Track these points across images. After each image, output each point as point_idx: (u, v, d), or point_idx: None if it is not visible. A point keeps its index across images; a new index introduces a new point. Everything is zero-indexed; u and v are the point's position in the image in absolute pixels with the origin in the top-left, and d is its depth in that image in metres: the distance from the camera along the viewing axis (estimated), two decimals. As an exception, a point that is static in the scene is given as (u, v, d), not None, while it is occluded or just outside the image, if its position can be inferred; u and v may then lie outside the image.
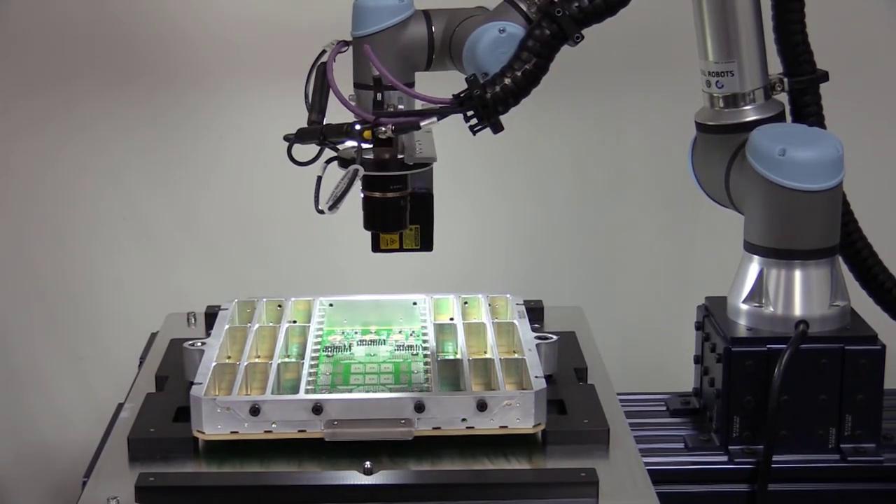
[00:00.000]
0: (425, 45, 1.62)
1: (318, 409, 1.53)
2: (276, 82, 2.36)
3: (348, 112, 1.55)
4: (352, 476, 1.49)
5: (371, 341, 1.85)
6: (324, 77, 1.59)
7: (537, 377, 1.60)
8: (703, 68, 1.81)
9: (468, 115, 1.51)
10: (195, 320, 2.00)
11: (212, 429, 1.54)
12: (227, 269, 2.53)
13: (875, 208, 2.02)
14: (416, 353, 1.80)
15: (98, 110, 2.45)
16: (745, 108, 1.80)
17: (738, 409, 1.75)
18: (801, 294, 1.75)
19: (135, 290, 2.53)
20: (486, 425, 1.55)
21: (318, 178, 1.56)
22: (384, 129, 1.52)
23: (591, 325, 1.99)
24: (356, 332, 1.88)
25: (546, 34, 1.51)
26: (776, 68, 1.82)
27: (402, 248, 1.70)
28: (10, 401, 2.57)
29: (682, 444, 1.80)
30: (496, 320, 1.85)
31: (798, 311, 1.75)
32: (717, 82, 1.80)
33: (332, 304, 1.91)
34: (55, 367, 2.56)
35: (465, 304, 1.91)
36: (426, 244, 1.70)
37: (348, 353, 1.80)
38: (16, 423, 2.58)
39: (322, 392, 1.66)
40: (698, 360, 1.89)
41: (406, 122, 1.53)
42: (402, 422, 1.54)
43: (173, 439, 1.57)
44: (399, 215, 1.62)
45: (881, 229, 1.95)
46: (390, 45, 1.60)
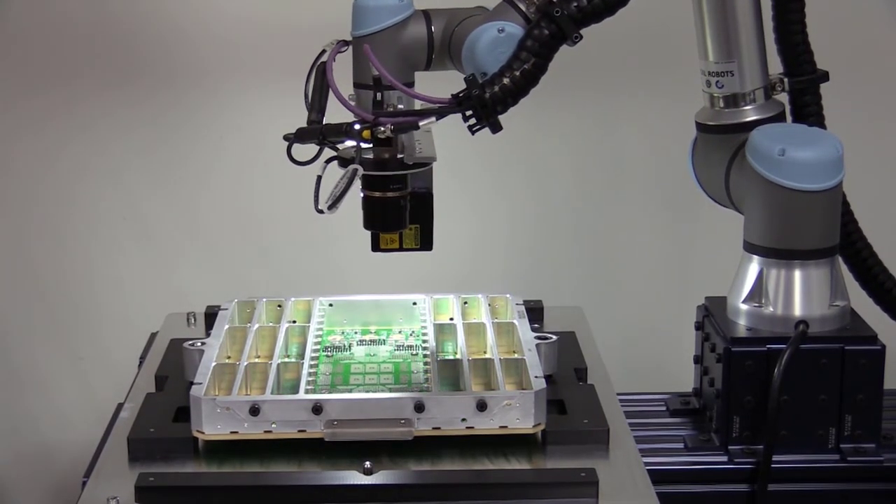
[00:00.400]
0: (425, 45, 1.62)
1: (317, 409, 1.53)
2: (275, 82, 2.36)
3: (348, 112, 1.55)
4: (352, 476, 1.49)
5: (371, 341, 1.85)
6: (323, 77, 1.59)
7: (537, 377, 1.60)
8: (703, 68, 1.81)
9: (467, 114, 1.51)
10: (195, 320, 2.00)
11: (212, 429, 1.54)
12: (227, 269, 2.53)
13: (875, 208, 2.02)
14: (416, 353, 1.80)
15: (98, 110, 2.45)
16: (746, 108, 1.80)
17: (737, 409, 1.75)
18: (800, 294, 1.75)
19: (135, 290, 2.53)
20: (486, 425, 1.55)
21: (317, 178, 1.56)
22: (383, 128, 1.52)
23: (591, 325, 1.99)
24: (356, 332, 1.88)
25: (545, 34, 1.51)
26: (776, 68, 1.82)
27: (401, 248, 1.70)
28: (10, 401, 2.57)
29: (681, 444, 1.80)
30: (496, 320, 1.85)
31: (798, 311, 1.75)
32: (717, 82, 1.80)
33: (331, 304, 1.91)
34: (55, 367, 2.56)
35: (465, 304, 1.91)
36: (426, 244, 1.70)
37: (348, 353, 1.80)
38: (16, 423, 2.58)
39: (322, 392, 1.66)
40: (698, 360, 1.89)
41: (405, 122, 1.53)
42: (402, 422, 1.54)
43: (173, 439, 1.57)
44: (399, 215, 1.62)
45: (881, 229, 1.95)
46: (390, 44, 1.60)
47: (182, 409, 1.63)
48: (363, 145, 1.54)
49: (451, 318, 1.89)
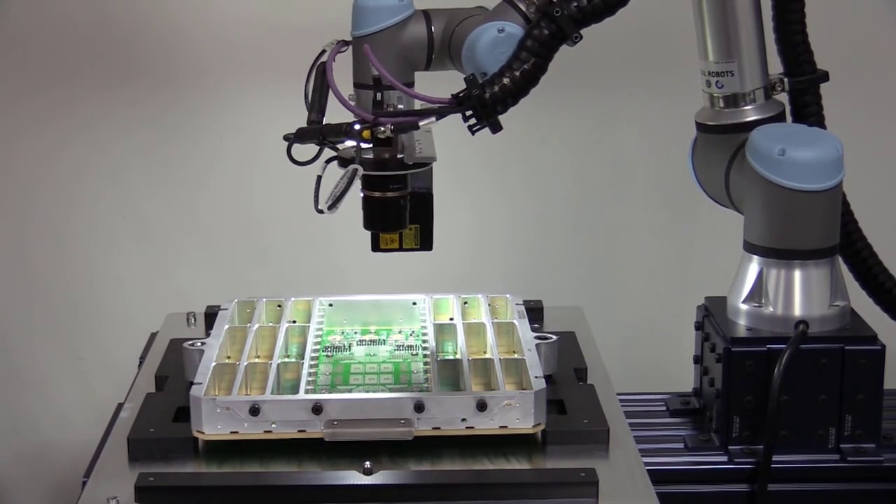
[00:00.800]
0: (425, 45, 1.62)
1: (317, 409, 1.53)
2: (275, 82, 2.36)
3: (348, 112, 1.55)
4: (352, 476, 1.49)
5: (371, 341, 1.85)
6: (323, 77, 1.59)
7: (537, 377, 1.60)
8: (703, 68, 1.81)
9: (467, 114, 1.51)
10: (195, 320, 2.00)
11: (212, 429, 1.54)
12: (227, 269, 2.53)
13: (875, 208, 2.02)
14: (416, 353, 1.80)
15: (98, 110, 2.45)
16: (746, 108, 1.80)
17: (737, 409, 1.75)
18: (800, 294, 1.75)
19: (135, 290, 2.53)
20: (486, 425, 1.55)
21: (317, 178, 1.56)
22: (383, 128, 1.52)
23: (591, 325, 1.99)
24: (356, 332, 1.88)
25: (545, 34, 1.51)
26: (776, 68, 1.82)
27: (401, 248, 1.70)
28: (10, 401, 2.57)
29: (682, 444, 1.80)
30: (496, 320, 1.85)
31: (798, 311, 1.75)
32: (717, 82, 1.80)
33: (331, 304, 1.91)
34: (55, 367, 2.56)
35: (465, 304, 1.91)
36: (426, 244, 1.70)
37: (348, 353, 1.80)
38: (16, 423, 2.58)
39: (322, 392, 1.66)
40: (698, 360, 1.89)
41: (405, 122, 1.53)
42: (402, 422, 1.54)
43: (173, 439, 1.57)
44: (399, 215, 1.62)
45: (881, 229, 1.95)
46: (390, 44, 1.60)
47: (182, 409, 1.63)
48: (363, 145, 1.54)
49: (451, 318, 1.89)
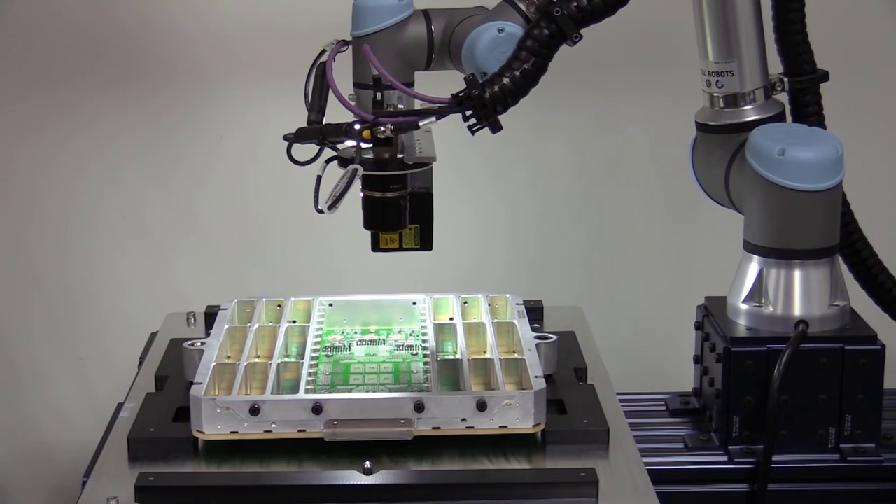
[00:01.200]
0: (425, 45, 1.62)
1: (317, 408, 1.53)
2: (275, 82, 2.36)
3: (348, 112, 1.55)
4: (352, 476, 1.49)
5: (371, 341, 1.85)
6: (323, 77, 1.59)
7: (537, 377, 1.60)
8: (703, 68, 1.81)
9: (467, 114, 1.51)
10: (195, 320, 2.00)
11: (211, 429, 1.54)
12: (227, 269, 2.53)
13: (875, 208, 2.02)
14: (416, 353, 1.80)
15: (98, 110, 2.45)
16: (745, 108, 1.80)
17: (737, 408, 1.75)
18: (800, 294, 1.75)
19: (135, 290, 2.53)
20: (486, 425, 1.55)
21: (317, 178, 1.56)
22: (383, 128, 1.52)
23: (590, 325, 1.99)
24: (356, 332, 1.88)
25: (545, 34, 1.51)
26: (776, 68, 1.82)
27: (401, 248, 1.70)
28: (10, 401, 2.57)
29: (681, 444, 1.80)
30: (496, 320, 1.85)
31: (798, 310, 1.75)
32: (717, 82, 1.80)
33: (331, 304, 1.91)
34: (55, 367, 2.56)
35: (465, 304, 1.91)
36: (426, 243, 1.70)
37: (348, 352, 1.80)
38: (16, 423, 2.58)
39: (322, 392, 1.66)
40: (698, 359, 1.89)
41: (405, 122, 1.53)
42: (402, 422, 1.54)
43: (173, 439, 1.57)
44: (398, 215, 1.62)
45: (881, 229, 1.95)
46: (390, 44, 1.60)
47: (182, 409, 1.63)
48: (363, 145, 1.54)
49: (451, 318, 1.89)
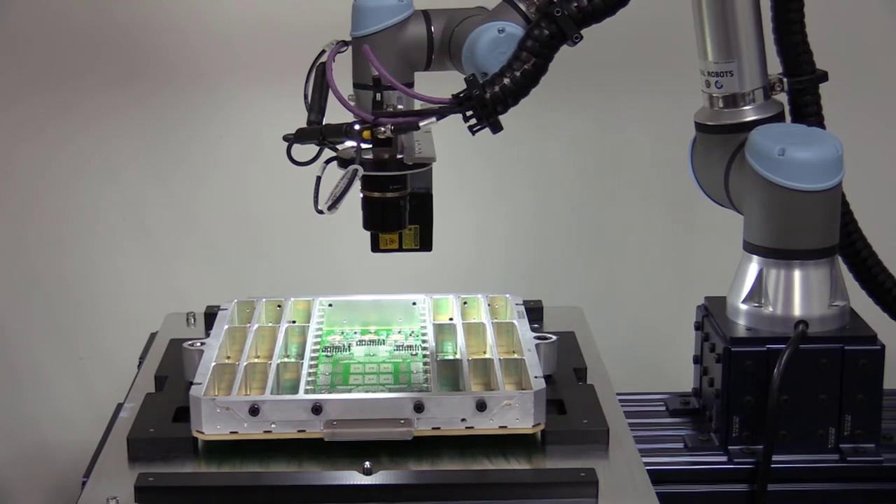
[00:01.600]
0: (425, 45, 1.62)
1: (317, 409, 1.53)
2: (275, 82, 2.36)
3: (348, 112, 1.55)
4: (351, 476, 1.49)
5: (370, 341, 1.85)
6: (323, 77, 1.59)
7: (537, 377, 1.60)
8: (703, 68, 1.81)
9: (467, 115, 1.51)
10: (195, 320, 2.00)
11: (211, 429, 1.54)
12: (227, 269, 2.53)
13: (875, 208, 2.02)
14: (416, 353, 1.80)
15: (98, 110, 2.45)
16: (745, 108, 1.80)
17: (737, 409, 1.75)
18: (800, 294, 1.75)
19: (135, 290, 2.53)
20: (486, 425, 1.55)
21: (317, 178, 1.56)
22: (383, 129, 1.52)
23: (590, 325, 1.99)
24: (356, 332, 1.88)
25: (545, 34, 1.51)
26: (776, 68, 1.82)
27: (401, 248, 1.70)
28: (10, 401, 2.57)
29: (681, 444, 1.80)
30: (495, 320, 1.85)
31: (797, 311, 1.75)
32: (717, 82, 1.80)
33: (331, 304, 1.91)
34: (55, 367, 2.56)
35: (465, 304, 1.91)
36: (426, 244, 1.70)
37: (348, 353, 1.80)
38: (16, 423, 2.58)
39: (321, 392, 1.66)
40: (698, 360, 1.89)
41: (405, 122, 1.53)
42: (402, 422, 1.54)
43: (173, 439, 1.57)
44: (398, 215, 1.62)
45: (881, 229, 1.95)
46: (390, 45, 1.60)
47: (182, 409, 1.63)
48: (363, 145, 1.54)
49: (451, 318, 1.89)
